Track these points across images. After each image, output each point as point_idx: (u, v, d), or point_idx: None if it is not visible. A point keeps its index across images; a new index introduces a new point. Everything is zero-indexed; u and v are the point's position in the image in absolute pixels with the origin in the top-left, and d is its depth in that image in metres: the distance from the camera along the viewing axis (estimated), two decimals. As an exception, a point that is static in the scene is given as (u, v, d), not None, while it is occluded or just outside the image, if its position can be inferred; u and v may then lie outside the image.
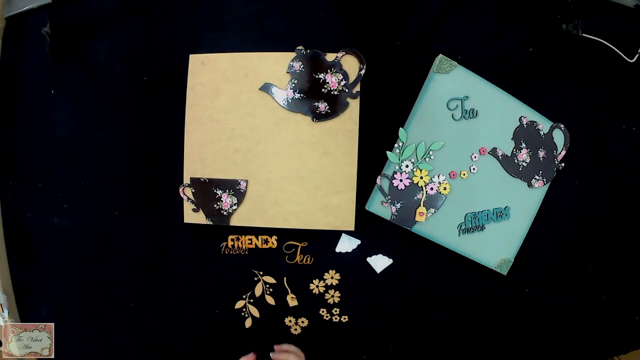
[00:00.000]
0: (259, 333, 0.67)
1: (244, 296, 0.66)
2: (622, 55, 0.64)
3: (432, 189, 0.62)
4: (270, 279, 0.66)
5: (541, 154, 0.65)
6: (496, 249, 0.65)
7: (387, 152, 0.61)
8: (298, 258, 0.65)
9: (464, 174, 0.63)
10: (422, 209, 0.62)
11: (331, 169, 0.62)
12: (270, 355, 0.63)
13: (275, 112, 0.62)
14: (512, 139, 0.64)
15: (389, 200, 0.62)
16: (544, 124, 0.65)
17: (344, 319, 0.67)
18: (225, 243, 0.65)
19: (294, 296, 0.66)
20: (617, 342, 0.71)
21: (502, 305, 0.68)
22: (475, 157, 0.63)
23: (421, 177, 0.62)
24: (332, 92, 0.61)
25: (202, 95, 0.62)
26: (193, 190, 0.63)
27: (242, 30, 0.63)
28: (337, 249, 0.65)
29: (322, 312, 0.67)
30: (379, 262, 0.65)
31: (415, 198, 0.62)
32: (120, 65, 0.64)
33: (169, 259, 0.66)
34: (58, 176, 0.66)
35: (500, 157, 0.64)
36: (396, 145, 0.61)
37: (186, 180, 0.63)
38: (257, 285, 0.66)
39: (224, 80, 0.62)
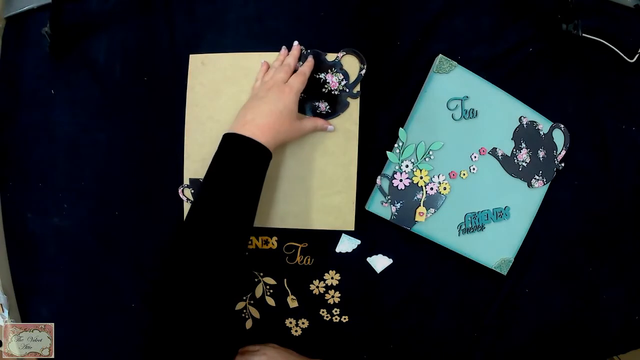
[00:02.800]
0: (260, 334, 0.67)
1: (244, 297, 0.66)
2: (622, 55, 0.64)
3: (432, 189, 0.62)
4: (270, 280, 0.66)
5: (541, 154, 0.65)
6: (496, 249, 0.65)
7: (387, 152, 0.61)
8: (298, 259, 0.65)
9: (464, 174, 0.63)
10: (422, 209, 0.62)
11: (331, 169, 0.62)
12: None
13: (275, 112, 0.62)
14: (512, 139, 0.64)
15: (389, 200, 0.62)
16: (544, 124, 0.65)
17: (344, 319, 0.67)
18: (225, 243, 0.65)
19: (294, 297, 0.66)
20: (617, 342, 0.71)
21: (502, 305, 0.68)
22: (475, 157, 0.63)
23: (421, 177, 0.62)
24: (333, 92, 0.61)
25: (202, 95, 0.62)
26: (192, 191, 0.63)
27: (242, 30, 0.63)
28: (337, 249, 0.65)
29: (323, 312, 0.66)
30: (379, 262, 0.65)
31: (415, 198, 0.62)
32: (120, 65, 0.64)
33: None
34: (58, 176, 0.65)
35: (500, 157, 0.64)
36: (396, 145, 0.61)
37: (185, 181, 0.63)
38: (257, 287, 0.66)
39: (224, 80, 0.62)
